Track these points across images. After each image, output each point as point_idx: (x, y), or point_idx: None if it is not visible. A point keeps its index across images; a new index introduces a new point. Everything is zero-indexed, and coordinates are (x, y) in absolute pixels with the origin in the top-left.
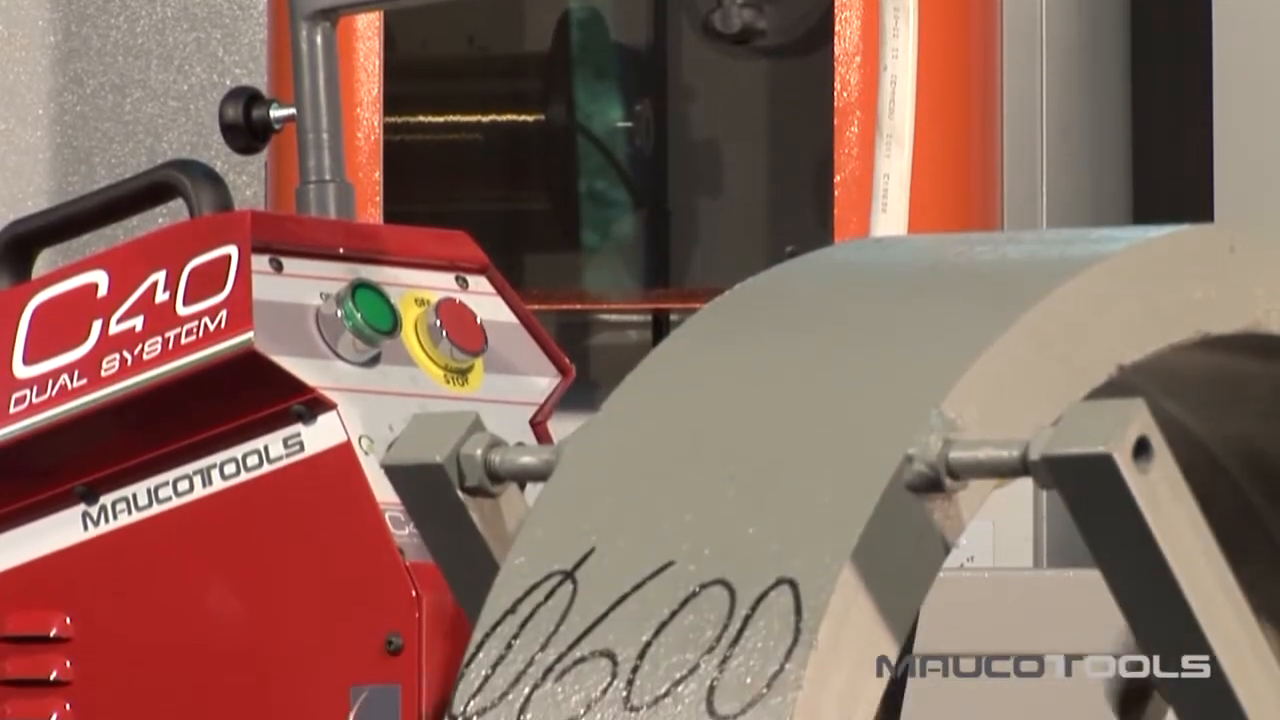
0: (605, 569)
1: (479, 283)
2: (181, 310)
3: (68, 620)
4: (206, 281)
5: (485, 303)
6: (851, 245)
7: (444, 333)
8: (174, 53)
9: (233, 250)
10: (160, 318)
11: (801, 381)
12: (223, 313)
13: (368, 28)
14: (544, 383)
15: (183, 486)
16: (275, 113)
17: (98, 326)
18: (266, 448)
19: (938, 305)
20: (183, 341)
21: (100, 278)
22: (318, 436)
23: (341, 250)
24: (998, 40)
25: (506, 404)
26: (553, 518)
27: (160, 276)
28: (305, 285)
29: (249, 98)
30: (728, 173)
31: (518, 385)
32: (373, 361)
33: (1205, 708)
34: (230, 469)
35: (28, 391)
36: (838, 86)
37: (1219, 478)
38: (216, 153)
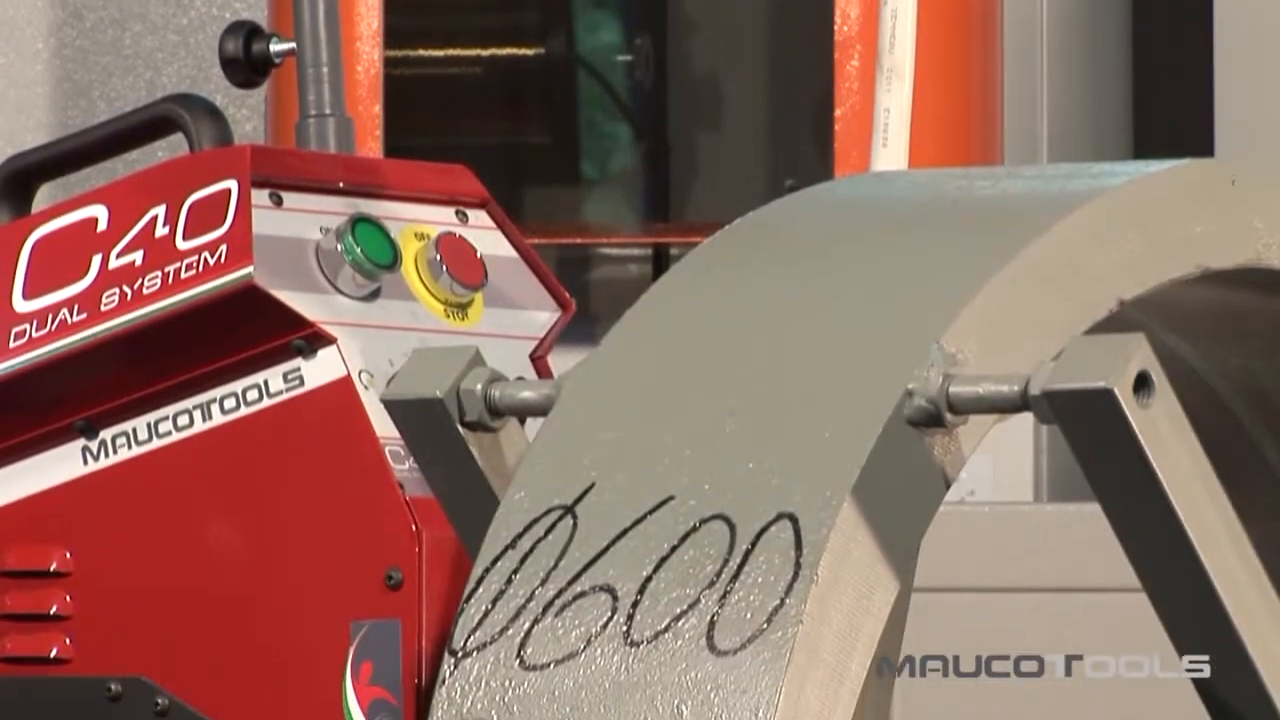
0: (605, 504)
1: (479, 217)
2: (181, 244)
3: (67, 555)
4: (206, 216)
5: (485, 237)
6: (852, 180)
7: (444, 267)
8: None
9: (232, 185)
10: (160, 252)
11: (801, 316)
12: (222, 247)
13: None
14: (544, 317)
15: (182, 421)
16: (275, 47)
17: (97, 261)
18: (266, 382)
19: (938, 240)
20: (182, 276)
21: (100, 212)
22: (317, 371)
23: (341, 184)
24: None
25: (506, 338)
26: (553, 453)
27: (160, 211)
28: (305, 219)
29: (249, 32)
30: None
31: (518, 320)
32: (372, 296)
33: (1205, 640)
34: (230, 404)
35: (27, 326)
36: (838, 20)
37: (1220, 412)
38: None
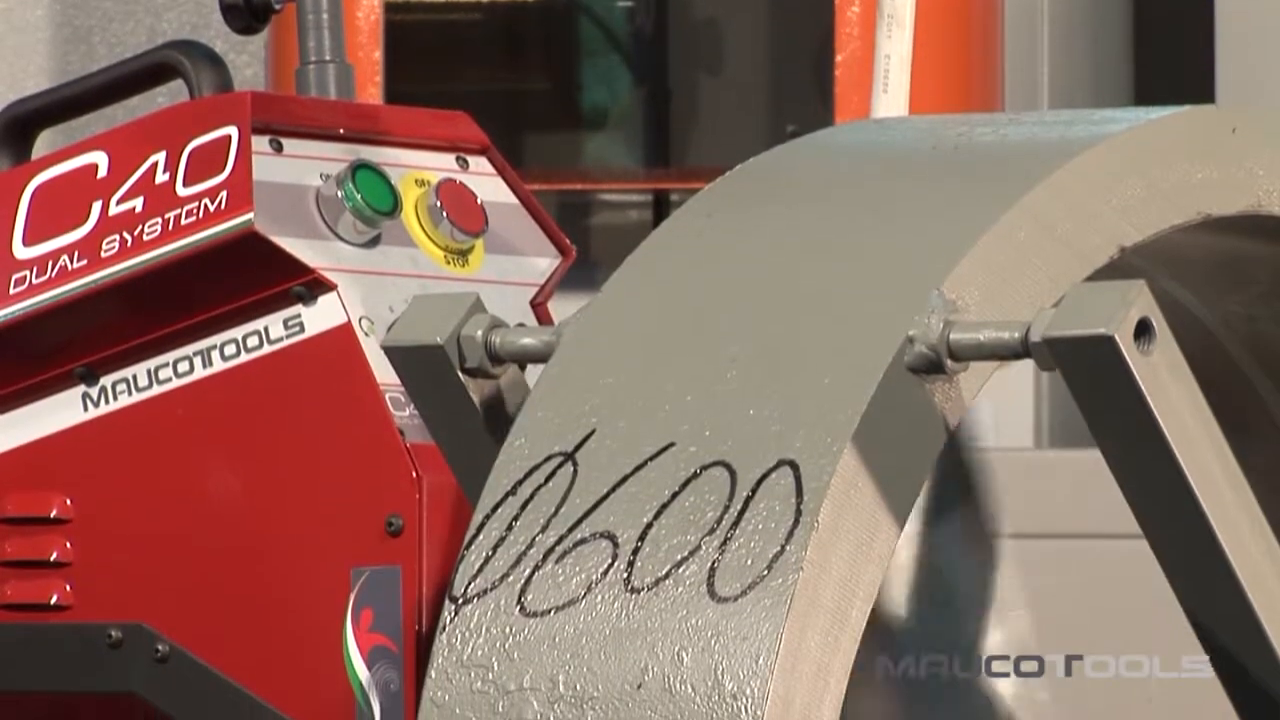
0: (606, 450)
1: (479, 163)
2: (181, 191)
3: (68, 501)
4: (206, 162)
5: (486, 183)
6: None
7: (444, 213)
8: None
9: (233, 131)
10: (160, 198)
11: (802, 263)
12: (223, 193)
13: None
14: (544, 263)
15: (183, 368)
16: None
17: (98, 207)
18: (266, 329)
19: (938, 186)
20: (183, 222)
21: (100, 158)
22: (318, 317)
23: (342, 131)
24: None
25: (507, 285)
26: (553, 399)
27: (160, 157)
28: (305, 166)
29: None
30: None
31: (518, 266)
32: (373, 242)
33: (1206, 587)
34: (230, 350)
35: (28, 273)
36: None
37: (1220, 358)
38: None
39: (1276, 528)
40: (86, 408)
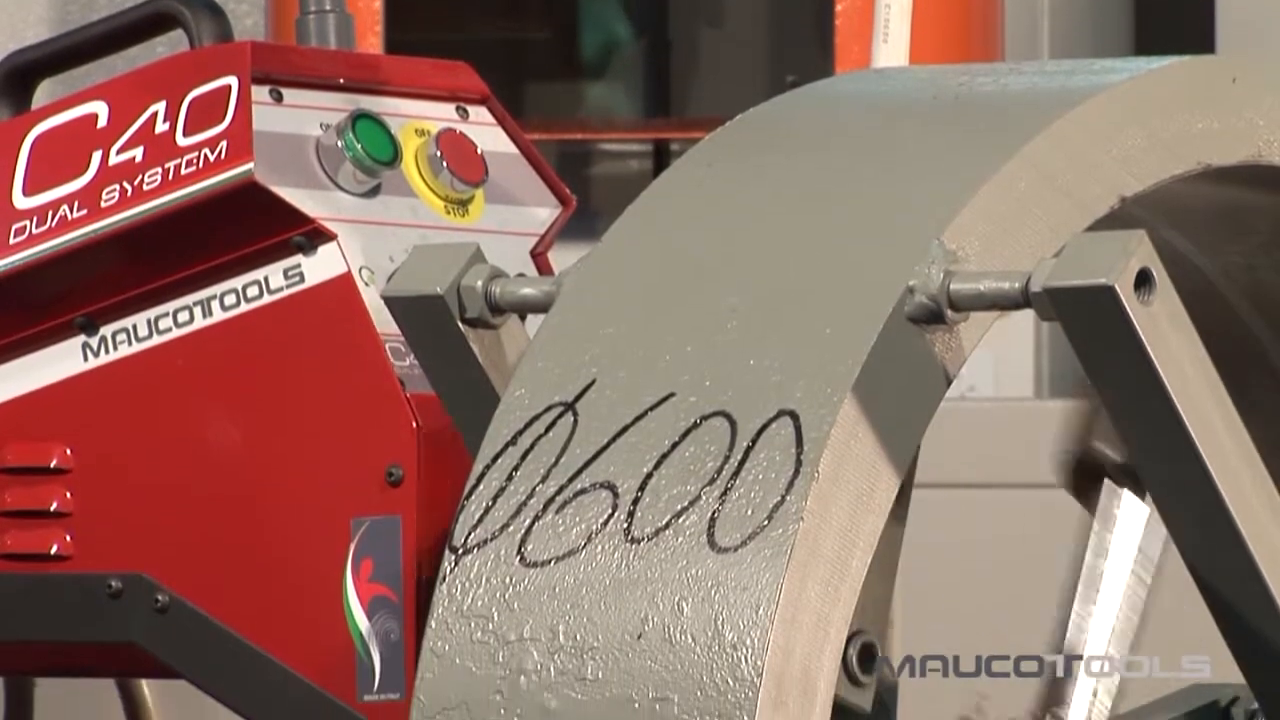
0: (606, 400)
1: (479, 113)
2: (181, 141)
3: (68, 451)
4: (206, 112)
5: (486, 133)
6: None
7: (444, 163)
8: None
9: (233, 81)
10: (160, 148)
11: (803, 213)
12: (223, 143)
13: None
14: (545, 213)
15: (183, 317)
16: None
17: (97, 157)
18: (266, 279)
19: (939, 136)
20: (183, 172)
21: (100, 108)
22: (318, 267)
23: (342, 81)
24: None
25: (507, 235)
26: (553, 349)
27: (160, 107)
28: (305, 116)
29: None
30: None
31: (518, 216)
32: (373, 192)
33: (1207, 537)
34: (230, 300)
35: (27, 222)
36: None
37: (1220, 308)
38: None
39: (1277, 477)
40: (86, 358)
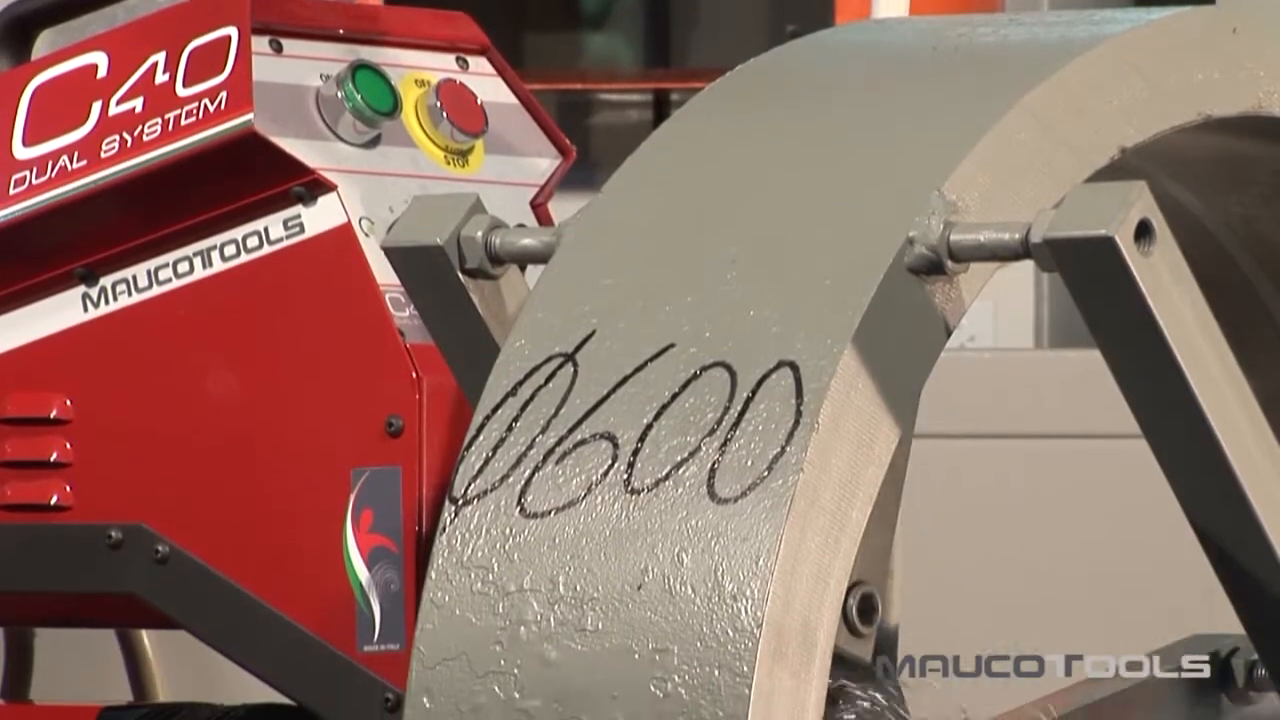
0: (606, 351)
1: (479, 64)
2: (181, 91)
3: (68, 402)
4: (206, 63)
5: (485, 84)
6: (853, 26)
7: (444, 114)
8: None
9: (232, 31)
10: (160, 99)
11: (803, 164)
12: (223, 94)
13: None
14: (544, 164)
15: (183, 268)
16: None
17: (97, 108)
18: (266, 229)
19: (939, 87)
20: (183, 123)
21: (100, 59)
22: (318, 218)
23: (341, 31)
24: None
25: (507, 185)
26: (553, 300)
27: (160, 58)
28: (305, 66)
29: None
30: None
31: (518, 166)
32: (373, 143)
33: (1206, 488)
34: (230, 250)
35: (27, 173)
36: None
37: (1221, 259)
38: None
39: (1276, 428)
40: (86, 308)
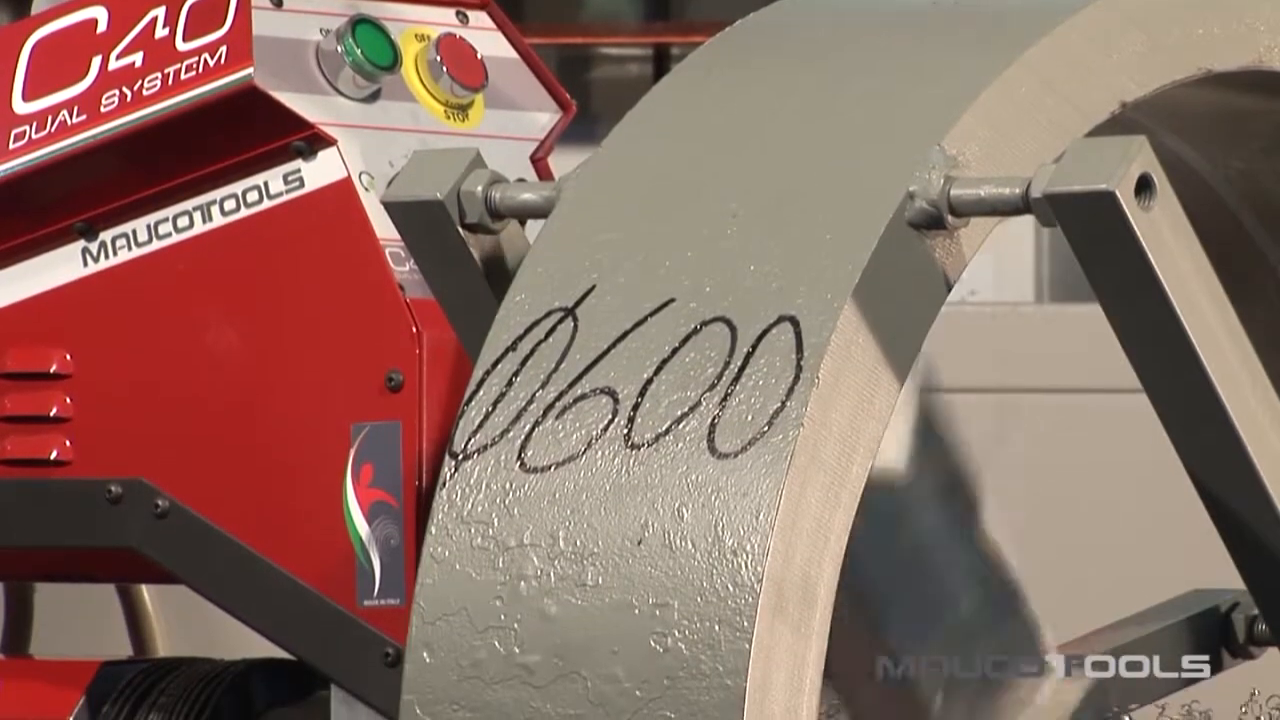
0: (606, 306)
1: (479, 18)
2: (181, 46)
3: (67, 357)
4: (206, 17)
5: (485, 38)
6: None
7: (444, 68)
8: None
9: None
10: (160, 53)
11: (803, 118)
12: (222, 48)
13: None
14: (544, 118)
15: (183, 223)
16: None
17: (97, 62)
18: (266, 184)
19: (940, 42)
20: (182, 77)
21: (100, 13)
22: (318, 172)
23: None
24: None
25: (507, 140)
26: (553, 254)
27: (160, 12)
28: (305, 21)
29: None
30: None
31: (518, 121)
32: (373, 97)
33: (1206, 441)
34: (230, 205)
35: (27, 128)
36: None
37: (1221, 213)
38: None
39: (1276, 381)
40: (86, 263)
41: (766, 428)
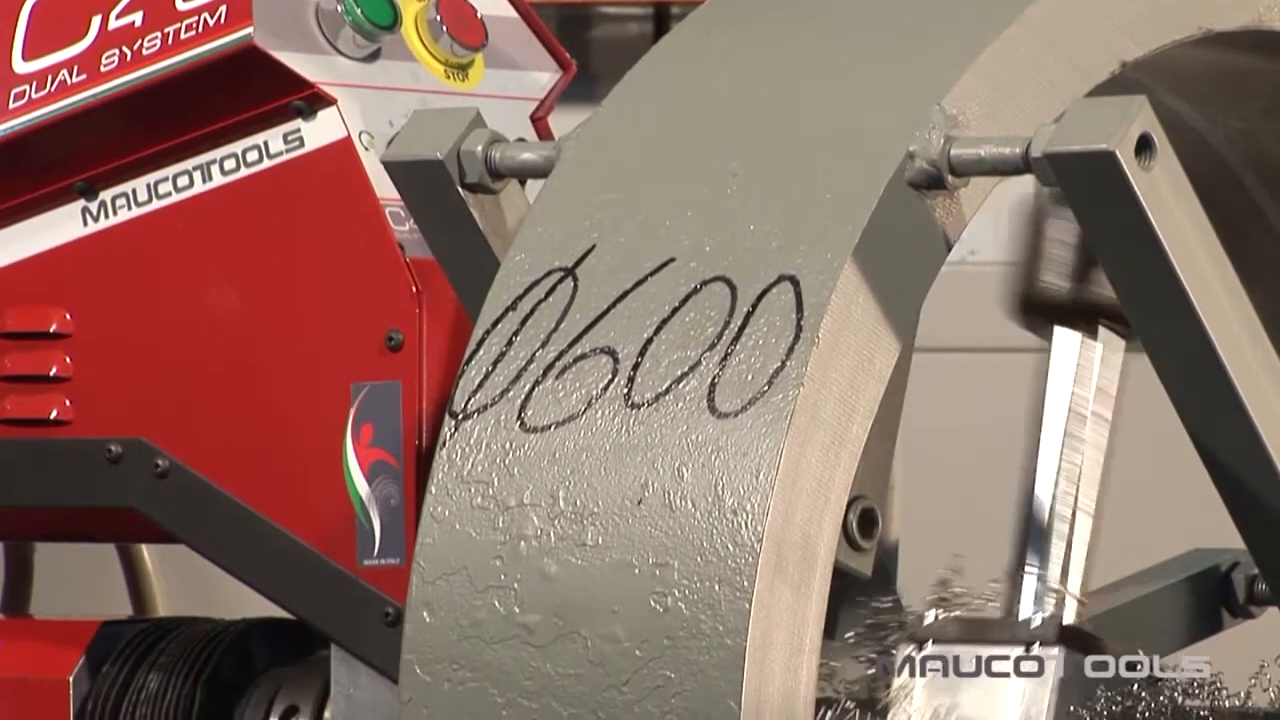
0: (606, 265)
1: None
2: (181, 5)
3: (67, 316)
4: None
5: None
6: None
7: (444, 28)
8: None
9: None
10: (160, 13)
11: (804, 78)
12: (222, 8)
13: None
14: (544, 78)
15: (182, 182)
16: None
17: (97, 22)
18: (266, 143)
19: (940, 1)
20: (182, 37)
21: None
22: (318, 132)
23: None
24: None
25: (507, 99)
26: (553, 214)
27: None
28: None
29: None
30: None
31: (518, 80)
32: (373, 57)
33: (1206, 400)
34: (230, 165)
35: (27, 87)
36: None
37: (1221, 172)
38: None
39: (1275, 341)
40: (86, 222)
41: (766, 387)
